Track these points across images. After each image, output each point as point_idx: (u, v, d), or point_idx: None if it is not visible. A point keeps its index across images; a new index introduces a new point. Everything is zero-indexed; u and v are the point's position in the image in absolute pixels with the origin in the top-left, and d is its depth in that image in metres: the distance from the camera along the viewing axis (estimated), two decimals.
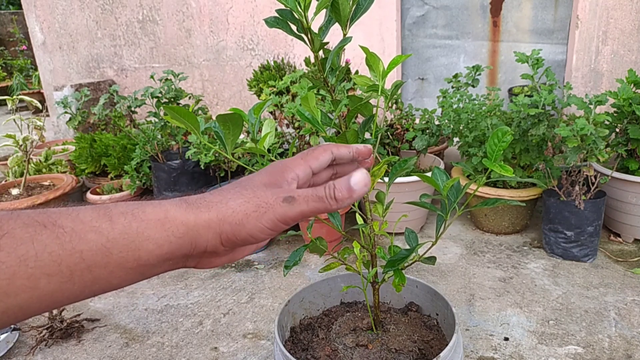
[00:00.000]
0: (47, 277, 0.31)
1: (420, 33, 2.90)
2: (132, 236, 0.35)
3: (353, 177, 0.39)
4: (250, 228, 0.38)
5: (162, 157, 2.25)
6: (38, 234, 0.32)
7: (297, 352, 0.94)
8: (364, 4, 0.63)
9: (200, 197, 0.39)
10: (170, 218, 0.37)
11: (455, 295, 1.63)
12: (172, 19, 3.28)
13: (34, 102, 2.31)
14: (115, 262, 0.34)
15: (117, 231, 0.34)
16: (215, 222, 0.37)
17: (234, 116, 0.56)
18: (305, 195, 0.38)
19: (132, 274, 0.36)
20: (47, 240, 0.32)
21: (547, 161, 1.83)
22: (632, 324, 1.42)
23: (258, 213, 0.38)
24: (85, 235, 0.33)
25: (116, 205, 0.36)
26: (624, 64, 2.49)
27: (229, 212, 0.38)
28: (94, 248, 0.33)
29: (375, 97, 0.73)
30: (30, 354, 1.44)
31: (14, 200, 2.06)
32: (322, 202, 0.38)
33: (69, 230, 0.33)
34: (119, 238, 0.34)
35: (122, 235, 0.34)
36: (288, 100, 2.13)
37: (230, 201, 0.38)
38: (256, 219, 0.38)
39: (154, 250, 0.36)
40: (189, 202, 0.38)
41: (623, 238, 1.94)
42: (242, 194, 0.39)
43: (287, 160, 0.43)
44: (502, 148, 0.67)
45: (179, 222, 0.37)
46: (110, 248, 0.34)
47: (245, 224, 0.37)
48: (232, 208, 0.38)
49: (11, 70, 7.12)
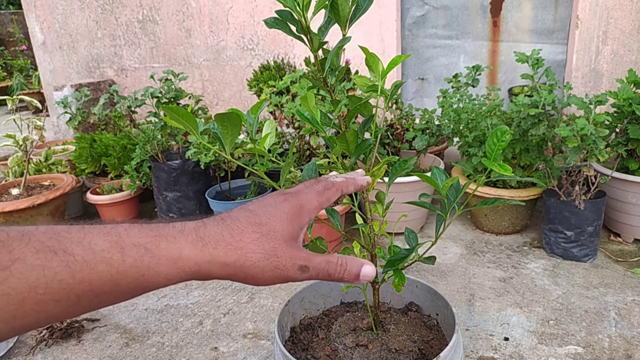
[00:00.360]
0: (55, 302, 0.32)
1: (420, 33, 2.90)
2: (143, 270, 0.35)
3: (363, 269, 0.43)
4: (263, 282, 0.40)
5: (162, 157, 2.25)
6: (49, 261, 0.32)
7: (297, 352, 0.94)
8: (363, 5, 0.63)
9: (219, 234, 0.39)
10: (184, 257, 0.37)
11: (455, 295, 1.63)
12: (172, 19, 3.28)
13: (34, 102, 2.31)
14: (122, 291, 0.35)
15: (127, 264, 0.35)
16: (230, 267, 0.39)
17: (231, 116, 0.56)
18: (317, 268, 0.41)
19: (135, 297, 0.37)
20: (58, 269, 0.32)
21: (547, 161, 1.83)
22: (632, 324, 1.42)
23: (274, 274, 0.40)
24: (96, 266, 0.33)
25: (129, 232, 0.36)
26: (624, 64, 2.49)
27: (247, 263, 0.39)
28: (104, 279, 0.34)
29: (375, 97, 0.73)
30: (30, 354, 1.44)
31: (14, 200, 2.06)
32: (330, 278, 0.42)
33: (80, 260, 0.33)
34: (128, 271, 0.35)
35: (132, 269, 0.35)
36: (288, 100, 2.13)
37: (251, 254, 0.39)
38: (271, 277, 0.40)
39: (162, 282, 0.36)
40: (205, 240, 0.38)
41: (623, 238, 1.94)
42: (264, 248, 0.40)
43: (303, 197, 0.44)
44: (501, 147, 0.67)
45: (193, 262, 0.37)
46: (119, 280, 0.34)
47: (259, 279, 0.39)
48: (251, 260, 0.39)
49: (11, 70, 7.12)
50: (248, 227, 0.40)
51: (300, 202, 0.43)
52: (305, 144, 2.20)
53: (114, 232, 0.35)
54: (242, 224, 0.40)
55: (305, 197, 0.44)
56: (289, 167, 0.73)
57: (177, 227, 0.38)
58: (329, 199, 0.46)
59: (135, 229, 0.36)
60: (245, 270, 0.39)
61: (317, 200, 0.45)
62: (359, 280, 0.43)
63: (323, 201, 0.45)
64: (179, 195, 2.20)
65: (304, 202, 0.44)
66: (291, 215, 0.42)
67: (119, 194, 2.35)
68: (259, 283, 0.40)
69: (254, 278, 0.39)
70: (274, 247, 0.40)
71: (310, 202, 0.44)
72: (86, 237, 0.34)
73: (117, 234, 0.35)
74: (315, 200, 0.44)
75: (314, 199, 0.44)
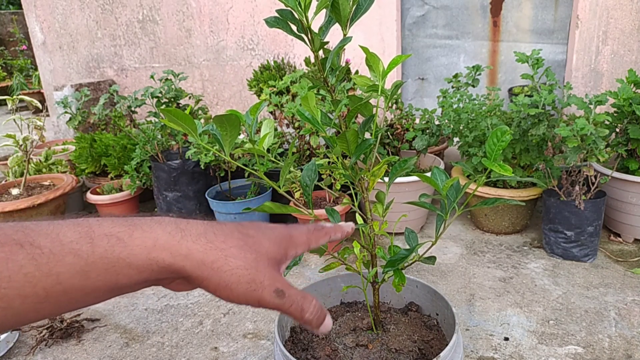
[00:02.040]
0: (22, 298, 0.31)
1: (421, 33, 2.90)
2: (113, 261, 0.33)
3: (326, 321, 0.42)
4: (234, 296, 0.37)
5: (162, 157, 2.25)
6: (14, 253, 0.30)
7: (297, 352, 0.94)
8: (364, 4, 0.63)
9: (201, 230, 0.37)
10: (158, 247, 0.35)
11: (455, 295, 1.63)
12: (172, 19, 3.28)
13: (34, 102, 2.31)
14: (92, 285, 0.33)
15: (97, 255, 0.33)
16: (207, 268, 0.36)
17: (230, 117, 0.56)
18: (293, 298, 0.39)
19: (108, 294, 0.35)
20: (23, 262, 0.30)
21: (547, 161, 1.83)
22: (632, 324, 1.42)
23: (249, 289, 0.37)
24: (64, 258, 0.32)
25: (101, 223, 0.34)
26: (624, 64, 2.49)
27: (225, 267, 0.36)
28: (72, 271, 0.32)
29: (375, 97, 0.73)
30: (30, 354, 1.44)
31: (14, 200, 2.06)
32: (300, 313, 0.40)
33: (47, 252, 0.31)
34: (98, 262, 0.33)
35: (102, 260, 0.33)
36: (288, 100, 2.13)
37: (231, 258, 0.37)
38: (244, 292, 0.37)
39: (134, 275, 0.34)
40: (185, 232, 0.36)
41: (623, 238, 1.94)
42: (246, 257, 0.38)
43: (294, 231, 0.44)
44: (501, 147, 0.67)
45: (167, 254, 0.35)
46: (88, 272, 0.32)
47: (232, 290, 0.37)
48: (230, 265, 0.37)
49: (11, 70, 7.12)
50: (234, 233, 0.39)
51: (290, 232, 0.43)
52: (305, 143, 2.20)
53: (85, 224, 0.34)
54: (229, 229, 0.39)
55: (296, 231, 0.44)
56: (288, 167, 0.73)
57: (156, 219, 0.36)
58: (317, 239, 0.46)
59: (109, 221, 0.35)
60: (221, 276, 0.36)
61: (307, 236, 0.45)
62: (318, 331, 0.42)
63: (312, 239, 0.45)
64: (179, 195, 2.20)
65: (295, 233, 0.44)
66: (280, 239, 0.42)
67: (119, 193, 2.35)
68: (230, 296, 0.37)
69: (227, 288, 0.37)
70: (256, 259, 0.38)
71: (301, 236, 0.44)
72: (55, 229, 0.33)
73: (88, 225, 0.34)
74: (305, 236, 0.45)
75: (304, 235, 0.45)
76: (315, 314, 0.41)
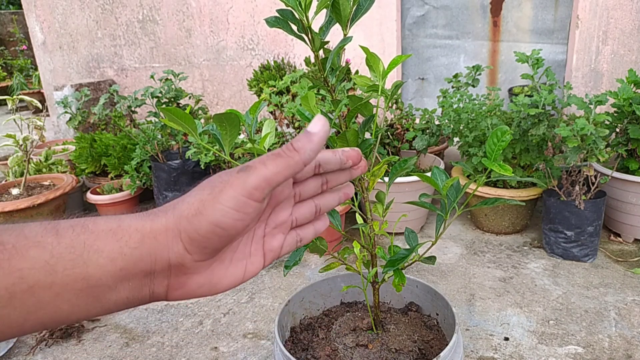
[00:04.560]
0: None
1: (421, 33, 2.90)
2: (80, 249, 0.30)
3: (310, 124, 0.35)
4: (210, 214, 0.32)
5: (162, 157, 2.25)
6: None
7: (297, 352, 0.94)
8: (365, 4, 0.63)
9: (161, 207, 0.35)
10: (123, 227, 0.32)
11: (456, 295, 1.62)
12: (172, 18, 3.28)
13: (34, 102, 2.31)
14: (61, 281, 0.30)
15: (63, 245, 0.30)
16: (172, 223, 0.33)
17: (230, 116, 0.56)
18: (261, 159, 0.33)
19: (84, 297, 0.31)
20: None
21: (547, 161, 1.83)
22: (632, 324, 1.42)
23: (213, 194, 0.32)
24: (27, 252, 0.29)
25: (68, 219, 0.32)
26: (624, 64, 2.49)
27: (184, 206, 0.33)
28: (36, 266, 0.29)
29: (375, 97, 0.73)
30: (30, 354, 1.44)
31: (14, 200, 2.06)
32: (282, 157, 0.33)
33: (10, 247, 0.29)
34: (64, 253, 0.30)
35: (68, 250, 0.30)
36: (288, 100, 2.13)
37: (187, 197, 0.34)
38: (213, 200, 0.32)
39: (106, 265, 0.31)
40: (147, 212, 0.34)
41: (623, 238, 1.94)
42: (200, 187, 0.34)
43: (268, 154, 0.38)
44: (501, 147, 0.67)
45: (133, 230, 0.32)
46: (54, 265, 0.29)
47: (202, 212, 0.32)
48: (187, 202, 0.33)
49: (11, 70, 7.12)
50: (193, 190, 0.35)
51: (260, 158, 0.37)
52: None
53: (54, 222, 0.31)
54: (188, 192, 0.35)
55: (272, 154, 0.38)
56: None
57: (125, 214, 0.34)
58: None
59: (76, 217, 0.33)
60: (185, 214, 0.32)
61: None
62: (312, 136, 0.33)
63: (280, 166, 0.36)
64: (179, 195, 2.18)
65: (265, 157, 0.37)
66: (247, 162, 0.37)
67: (119, 193, 2.35)
68: (210, 221, 0.32)
69: (198, 215, 0.32)
70: (209, 181, 0.34)
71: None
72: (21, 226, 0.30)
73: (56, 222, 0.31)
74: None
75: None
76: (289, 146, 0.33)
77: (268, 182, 0.32)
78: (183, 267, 0.34)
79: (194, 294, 0.35)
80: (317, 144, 0.34)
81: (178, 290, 0.35)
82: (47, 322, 0.30)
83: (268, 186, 0.33)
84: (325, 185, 0.41)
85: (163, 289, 0.34)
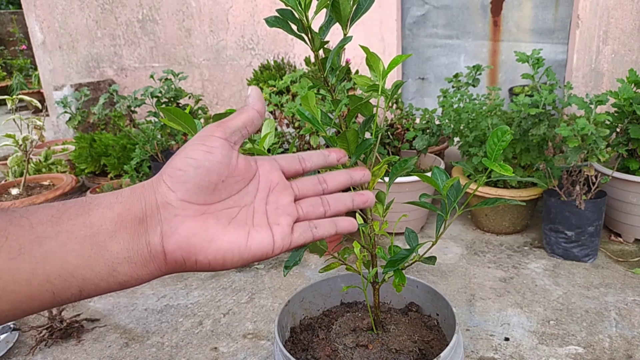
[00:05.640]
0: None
1: (421, 33, 2.90)
2: (82, 204, 0.34)
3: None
4: (182, 150, 0.37)
5: (162, 157, 2.25)
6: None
7: (297, 352, 0.94)
8: (365, 4, 0.63)
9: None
10: (123, 188, 0.38)
11: (456, 295, 1.62)
12: (172, 18, 3.28)
13: (33, 102, 2.31)
14: (66, 230, 0.32)
15: (68, 204, 0.34)
16: (157, 175, 0.37)
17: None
18: (235, 114, 0.40)
19: (87, 247, 0.33)
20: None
21: (548, 161, 1.82)
22: (632, 324, 1.42)
23: (196, 139, 0.37)
24: (37, 210, 0.33)
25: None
26: (625, 64, 2.49)
27: (171, 160, 0.37)
28: (44, 219, 0.32)
29: (375, 97, 0.73)
30: (30, 354, 1.44)
31: (14, 200, 2.05)
32: (237, 111, 0.40)
33: (22, 211, 0.32)
34: (69, 208, 0.34)
35: (72, 205, 0.34)
36: (288, 100, 2.13)
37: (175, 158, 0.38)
38: (185, 145, 0.37)
39: (105, 212, 0.34)
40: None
41: (624, 238, 1.94)
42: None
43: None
44: (501, 147, 0.67)
45: (126, 188, 0.37)
46: (60, 217, 0.33)
47: (178, 153, 0.37)
48: (175, 156, 0.38)
49: (11, 69, 7.11)
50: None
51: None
52: (305, 143, 2.19)
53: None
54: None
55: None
56: None
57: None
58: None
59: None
60: (171, 162, 0.37)
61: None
62: (252, 94, 0.41)
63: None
64: None
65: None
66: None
67: None
68: (187, 155, 0.36)
69: (178, 155, 0.37)
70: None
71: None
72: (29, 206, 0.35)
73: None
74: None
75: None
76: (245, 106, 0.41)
77: (226, 123, 0.39)
78: (170, 207, 0.36)
79: (189, 243, 0.36)
80: (253, 96, 0.41)
81: (172, 237, 0.35)
82: (54, 278, 0.31)
83: (227, 127, 0.38)
84: (324, 184, 0.45)
85: (158, 237, 0.35)
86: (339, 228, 0.44)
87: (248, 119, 0.40)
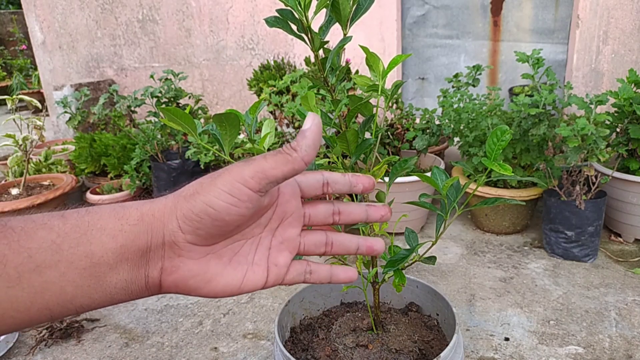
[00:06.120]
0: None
1: (421, 33, 2.90)
2: (84, 228, 0.32)
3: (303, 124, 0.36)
4: (205, 194, 0.33)
5: (162, 157, 2.25)
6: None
7: (297, 352, 0.94)
8: (365, 4, 0.63)
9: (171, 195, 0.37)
10: (125, 207, 0.34)
11: (456, 295, 1.62)
12: (172, 18, 3.28)
13: (33, 102, 2.31)
14: (66, 259, 0.31)
15: (68, 226, 0.32)
16: (171, 202, 0.34)
17: (230, 116, 0.56)
18: (262, 154, 0.35)
19: (87, 277, 0.32)
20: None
21: (548, 161, 1.82)
22: (632, 324, 1.42)
23: (212, 178, 0.34)
24: (35, 233, 0.31)
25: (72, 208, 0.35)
26: (625, 64, 2.49)
27: (184, 189, 0.35)
28: (44, 245, 0.30)
29: (375, 97, 0.73)
30: (30, 354, 1.44)
31: (14, 200, 2.05)
32: (280, 154, 0.34)
33: (18, 230, 0.30)
34: (70, 233, 0.32)
35: (73, 230, 0.32)
36: (288, 100, 2.13)
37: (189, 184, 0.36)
38: (210, 184, 0.34)
39: (108, 242, 0.32)
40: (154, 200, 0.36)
41: (624, 238, 1.94)
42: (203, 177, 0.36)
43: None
44: (501, 147, 0.67)
45: (134, 210, 0.34)
46: (60, 244, 0.31)
47: (199, 192, 0.34)
48: (188, 186, 0.35)
49: (11, 69, 7.11)
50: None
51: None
52: None
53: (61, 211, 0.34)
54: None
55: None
56: None
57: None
58: (304, 173, 0.40)
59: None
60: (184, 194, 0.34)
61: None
62: (304, 132, 0.34)
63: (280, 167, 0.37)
64: None
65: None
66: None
67: (119, 193, 2.35)
68: (205, 201, 0.33)
69: (195, 194, 0.34)
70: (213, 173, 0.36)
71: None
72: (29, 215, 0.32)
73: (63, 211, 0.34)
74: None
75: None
76: (287, 145, 0.34)
77: (264, 173, 0.34)
78: (176, 247, 0.34)
79: (186, 284, 0.35)
80: (310, 138, 0.35)
81: (171, 276, 0.35)
82: (52, 306, 0.31)
83: (265, 178, 0.34)
84: (337, 215, 0.42)
85: (157, 272, 0.35)
86: (334, 278, 0.43)
87: (292, 172, 0.34)
